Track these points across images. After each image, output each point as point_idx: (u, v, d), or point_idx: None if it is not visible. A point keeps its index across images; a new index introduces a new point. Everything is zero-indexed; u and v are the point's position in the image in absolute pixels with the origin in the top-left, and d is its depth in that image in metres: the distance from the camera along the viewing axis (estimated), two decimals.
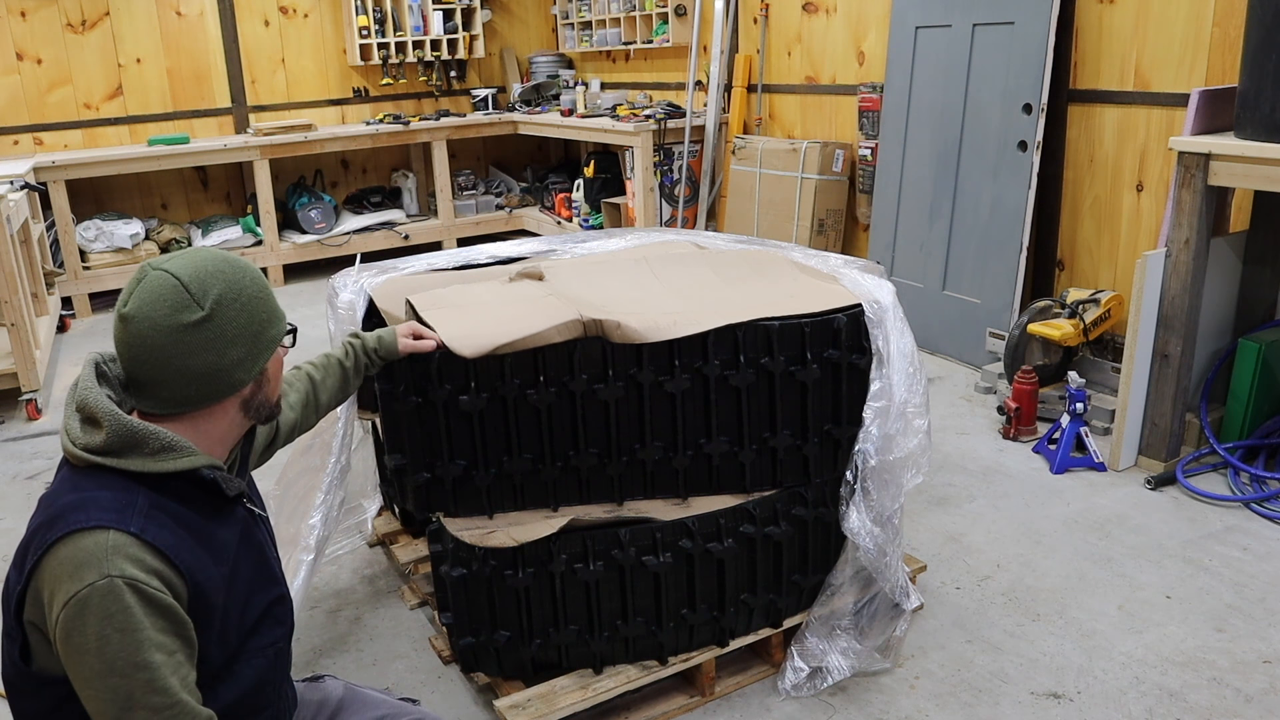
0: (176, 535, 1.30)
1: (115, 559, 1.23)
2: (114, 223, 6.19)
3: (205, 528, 1.36)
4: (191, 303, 1.33)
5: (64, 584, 1.23)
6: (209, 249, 1.43)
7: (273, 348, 1.43)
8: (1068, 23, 3.97)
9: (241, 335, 1.37)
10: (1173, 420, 3.23)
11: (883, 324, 2.18)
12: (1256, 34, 2.88)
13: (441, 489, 2.10)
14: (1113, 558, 2.79)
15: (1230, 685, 2.24)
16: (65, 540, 1.25)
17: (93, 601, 1.21)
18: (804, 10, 5.37)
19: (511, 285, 2.37)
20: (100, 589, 1.21)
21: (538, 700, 2.09)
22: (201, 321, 1.33)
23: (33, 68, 6.31)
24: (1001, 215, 4.18)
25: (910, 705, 2.23)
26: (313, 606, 2.73)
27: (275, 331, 1.44)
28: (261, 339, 1.41)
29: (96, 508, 1.26)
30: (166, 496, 1.32)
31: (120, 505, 1.28)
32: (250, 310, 1.39)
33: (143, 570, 1.24)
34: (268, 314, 1.42)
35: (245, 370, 1.39)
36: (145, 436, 1.31)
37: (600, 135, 6.31)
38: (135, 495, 1.29)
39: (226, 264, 1.39)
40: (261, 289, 1.43)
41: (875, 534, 2.20)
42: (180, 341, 1.33)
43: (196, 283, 1.34)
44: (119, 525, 1.25)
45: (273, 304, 1.45)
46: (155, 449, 1.31)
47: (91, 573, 1.22)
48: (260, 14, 6.90)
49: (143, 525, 1.27)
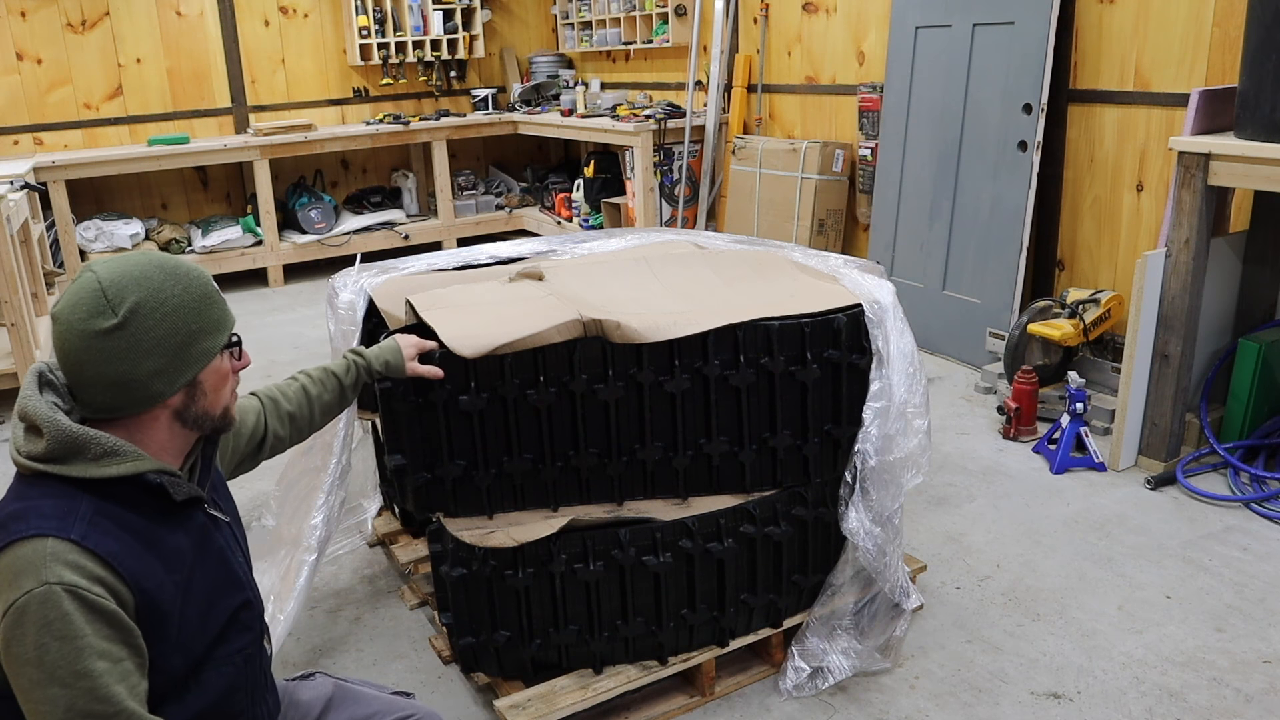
0: (121, 542, 1.27)
1: (53, 566, 1.20)
2: (114, 223, 6.20)
3: (154, 534, 1.33)
4: (106, 309, 1.29)
5: (3, 593, 1.21)
6: (155, 255, 1.38)
7: (203, 361, 1.37)
8: (1068, 23, 3.97)
9: (159, 346, 1.32)
10: (1173, 420, 3.23)
11: (883, 324, 2.18)
12: (1256, 34, 2.88)
13: (441, 489, 2.10)
14: (1113, 558, 2.79)
15: (1230, 685, 2.24)
16: (4, 550, 1.22)
17: (30, 609, 1.19)
18: (804, 10, 5.37)
19: (511, 285, 2.37)
20: (38, 596, 1.19)
21: (538, 700, 2.09)
22: (113, 329, 1.29)
23: (33, 68, 6.31)
24: (1001, 215, 4.18)
25: (910, 705, 2.23)
26: (313, 606, 2.73)
27: (208, 344, 1.38)
28: (187, 351, 1.35)
29: (37, 515, 1.24)
30: (112, 502, 1.29)
31: (62, 512, 1.25)
32: (173, 321, 1.33)
33: (83, 576, 1.22)
34: (199, 326, 1.36)
35: (165, 382, 1.34)
36: (86, 442, 1.28)
37: (600, 135, 6.31)
38: (78, 502, 1.27)
39: (159, 270, 1.34)
40: (195, 299, 1.36)
41: (875, 534, 2.20)
42: (92, 348, 1.29)
43: (115, 288, 1.30)
44: (58, 533, 1.23)
45: (210, 315, 1.38)
46: (97, 454, 1.29)
47: (29, 580, 1.20)
48: (260, 14, 6.90)
49: (84, 532, 1.24)
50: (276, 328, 5.53)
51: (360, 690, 1.72)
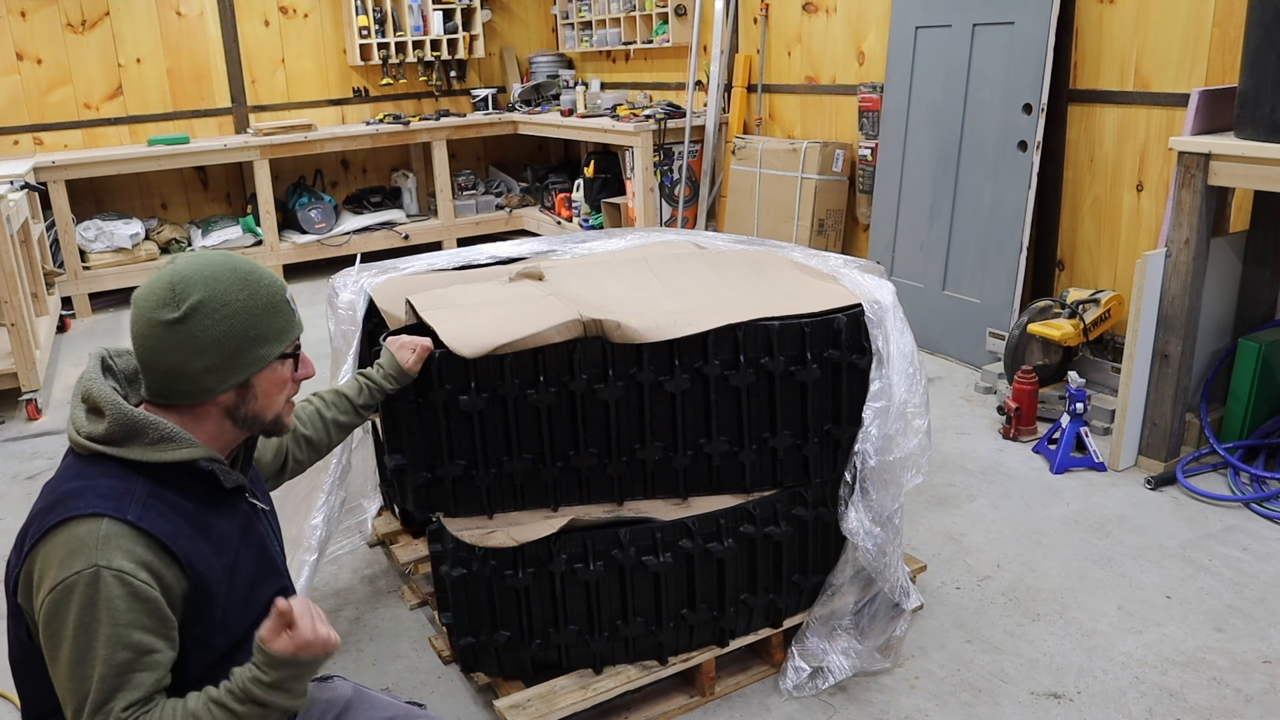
0: (174, 524, 1.32)
1: (106, 549, 1.24)
2: (114, 223, 6.20)
3: (204, 518, 1.38)
4: (171, 301, 1.35)
5: (53, 570, 1.24)
6: (237, 258, 1.44)
7: (256, 366, 1.41)
8: (1068, 23, 3.97)
9: (214, 346, 1.37)
10: (1173, 420, 3.23)
11: (883, 324, 2.18)
12: (1256, 34, 2.88)
13: (441, 489, 2.10)
14: (1113, 558, 2.79)
15: (1230, 685, 2.24)
16: (62, 526, 1.26)
17: (77, 590, 1.23)
18: (804, 10, 5.37)
19: (511, 285, 2.37)
20: (86, 578, 1.23)
21: (538, 700, 2.09)
22: (173, 322, 1.35)
23: (33, 68, 6.31)
24: (1001, 215, 4.18)
25: (910, 705, 2.23)
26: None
27: (264, 351, 1.42)
28: (241, 355, 1.39)
29: (95, 495, 1.28)
30: (166, 487, 1.34)
31: (119, 493, 1.29)
32: (231, 323, 1.38)
33: (132, 562, 1.25)
34: (258, 332, 1.41)
35: (215, 380, 1.38)
36: (145, 426, 1.33)
37: (600, 135, 6.31)
38: (134, 484, 1.31)
39: (232, 273, 1.39)
40: (260, 305, 1.41)
41: (875, 534, 2.20)
42: (154, 335, 1.36)
43: (184, 284, 1.36)
44: (115, 513, 1.27)
45: (273, 323, 1.42)
46: (155, 439, 1.34)
47: (80, 561, 1.23)
48: (260, 14, 6.90)
49: (140, 513, 1.29)
50: None
51: (377, 696, 1.74)
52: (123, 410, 1.33)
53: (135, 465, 1.33)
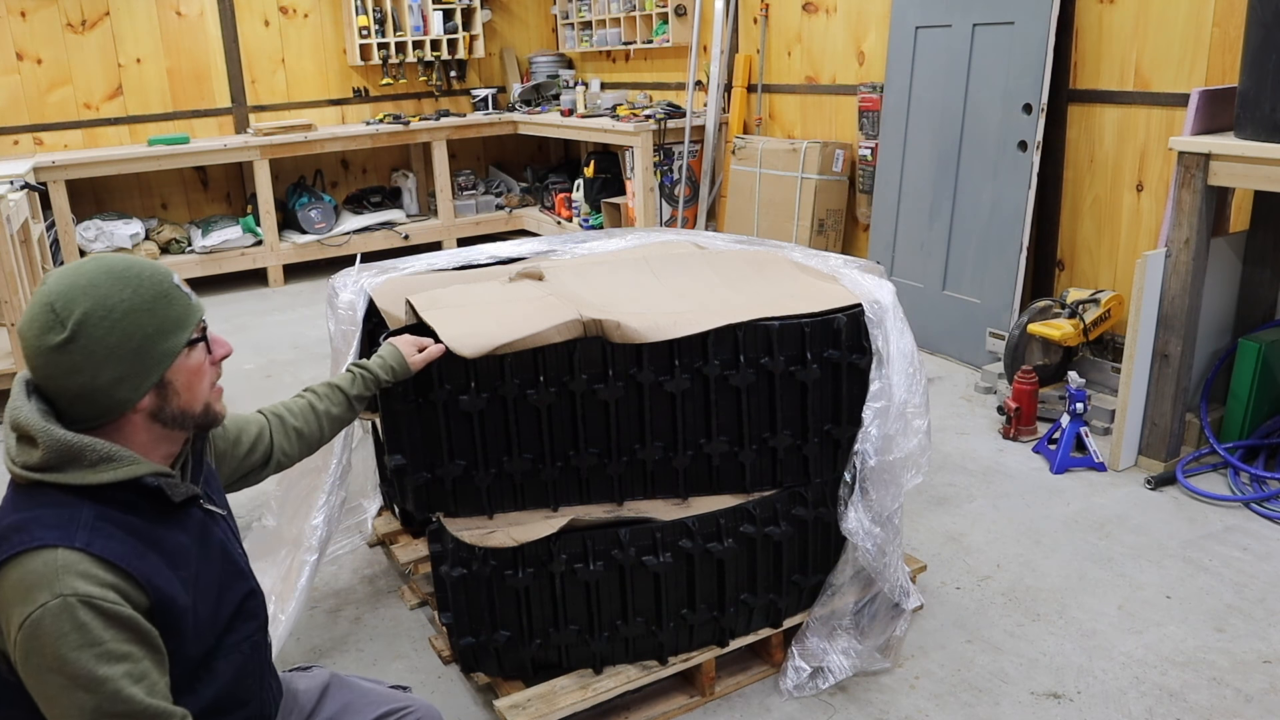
0: (125, 544, 1.28)
1: (65, 577, 1.21)
2: (114, 223, 6.20)
3: (155, 534, 1.33)
4: (55, 323, 1.28)
5: (17, 607, 1.21)
6: (108, 259, 1.36)
7: (165, 361, 1.35)
8: (1068, 23, 3.97)
9: (113, 355, 1.30)
10: (1173, 420, 3.23)
11: (883, 324, 2.18)
12: (1256, 34, 2.88)
13: (441, 489, 2.10)
14: (1113, 558, 2.79)
15: (1230, 685, 2.24)
16: (11, 563, 1.23)
17: (45, 622, 1.19)
18: (804, 10, 5.37)
19: (511, 285, 2.37)
20: (52, 609, 1.20)
21: (538, 700, 2.09)
22: (64, 343, 1.28)
23: (33, 68, 6.31)
24: (1001, 215, 4.18)
25: (910, 705, 2.23)
26: (313, 607, 2.73)
27: (168, 345, 1.35)
28: (145, 355, 1.32)
29: (39, 526, 1.24)
30: (112, 507, 1.30)
31: (63, 521, 1.25)
32: (124, 327, 1.30)
33: (95, 585, 1.22)
34: (155, 327, 1.33)
35: (129, 388, 1.32)
36: (82, 449, 1.28)
37: (600, 135, 6.31)
38: (79, 509, 1.27)
39: (107, 277, 1.32)
40: (148, 300, 1.33)
41: (875, 534, 2.20)
42: (50, 363, 1.29)
43: (63, 301, 1.29)
44: (64, 542, 1.23)
45: (168, 313, 1.35)
46: (93, 460, 1.29)
47: (43, 593, 1.20)
48: (260, 14, 6.90)
49: (88, 539, 1.25)
50: (276, 328, 5.53)
51: (355, 681, 1.73)
52: (55, 435, 1.27)
53: (77, 489, 1.28)
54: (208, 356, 1.42)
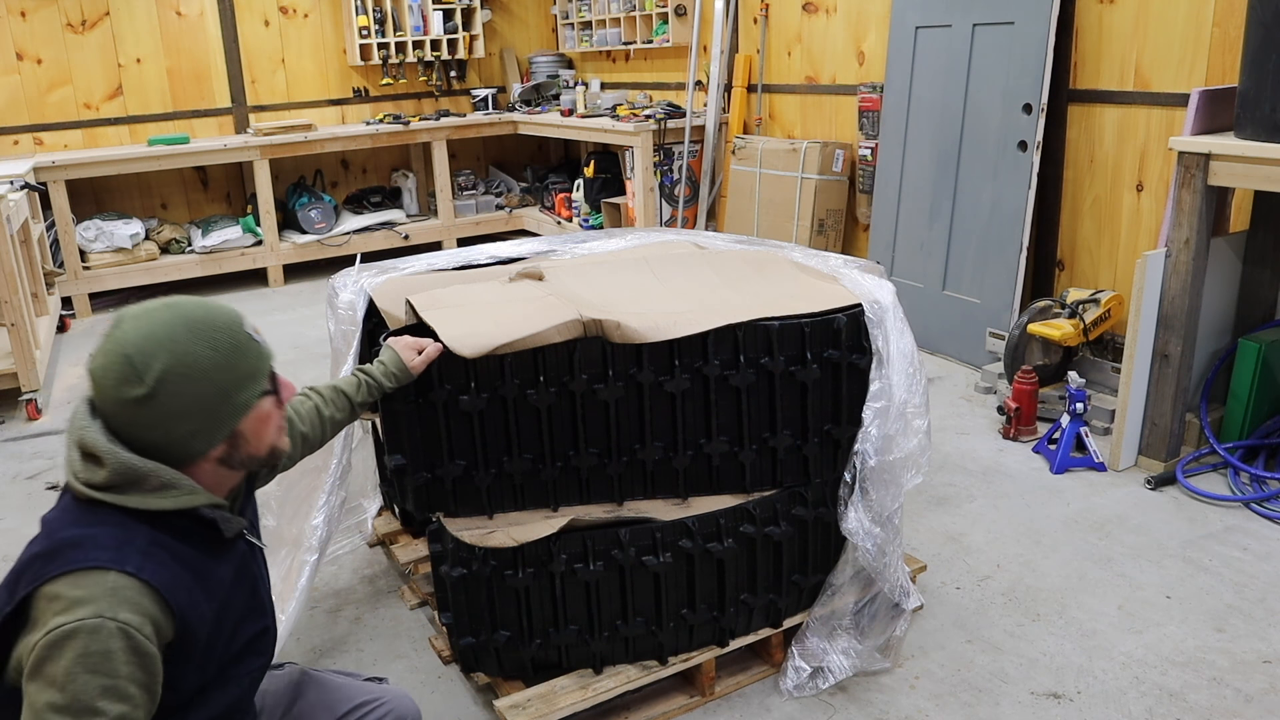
0: (173, 573, 1.29)
1: (113, 601, 1.22)
2: (114, 223, 6.19)
3: (202, 564, 1.34)
4: (134, 377, 1.28)
5: (55, 616, 1.21)
6: (183, 308, 1.35)
7: (240, 414, 1.36)
8: (1068, 23, 3.97)
9: (191, 411, 1.31)
10: (1173, 420, 3.23)
11: (883, 324, 2.18)
12: (1256, 34, 2.88)
13: (441, 489, 2.10)
14: (1113, 558, 2.79)
15: (1230, 685, 2.24)
16: (63, 577, 1.23)
17: (78, 637, 1.19)
18: (804, 10, 5.37)
19: (511, 285, 2.37)
20: (89, 626, 1.20)
21: (538, 700, 2.09)
22: (144, 399, 1.29)
23: (33, 68, 6.31)
24: (1001, 215, 4.18)
25: (910, 705, 2.23)
26: (313, 607, 2.73)
27: (244, 398, 1.37)
28: (222, 410, 1.34)
29: (95, 546, 1.25)
30: (166, 533, 1.31)
31: (119, 543, 1.26)
32: (203, 384, 1.31)
33: (137, 614, 1.23)
34: (232, 382, 1.35)
35: (202, 441, 1.34)
36: (145, 474, 1.29)
37: (600, 135, 6.31)
38: (134, 532, 1.28)
39: (185, 330, 1.32)
40: (225, 354, 1.34)
41: (875, 534, 2.20)
42: (125, 413, 1.30)
43: (141, 355, 1.29)
44: (117, 565, 1.24)
45: (243, 367, 1.37)
46: (155, 486, 1.30)
47: (86, 609, 1.21)
48: (260, 14, 6.90)
49: (140, 564, 1.26)
50: (277, 328, 5.53)
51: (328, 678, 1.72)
52: (121, 459, 1.28)
53: (135, 513, 1.29)
54: (276, 401, 1.44)
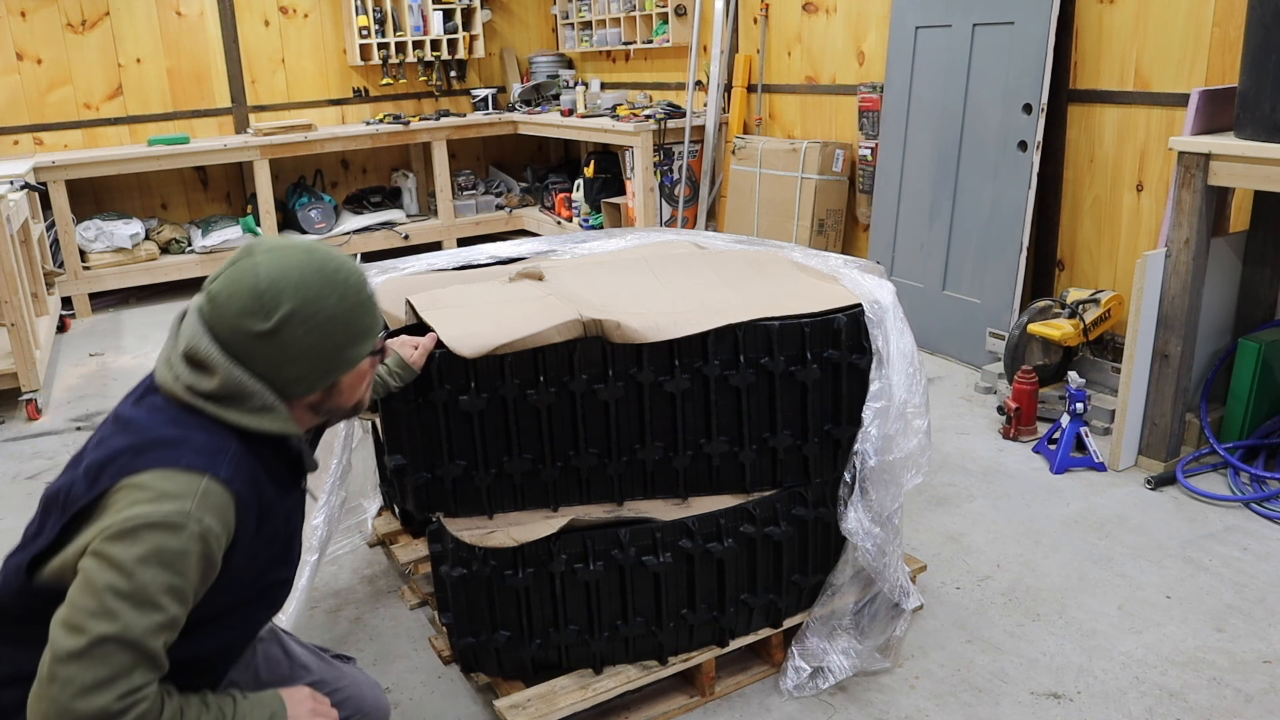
0: (249, 492, 1.31)
1: (202, 505, 1.23)
2: (114, 223, 6.19)
3: (271, 494, 1.36)
4: (260, 311, 1.30)
5: (138, 505, 1.21)
6: (318, 253, 1.36)
7: (347, 367, 1.38)
8: (1068, 23, 3.97)
9: (304, 356, 1.33)
10: (1173, 420, 3.23)
11: (883, 324, 2.18)
12: (1256, 34, 2.88)
13: (441, 489, 2.10)
14: (1113, 558, 2.79)
15: (1230, 685, 2.24)
16: (153, 471, 1.24)
17: (159, 530, 1.20)
18: (804, 10, 5.37)
19: (511, 285, 2.37)
20: (173, 523, 1.21)
21: (538, 700, 2.09)
22: (264, 334, 1.30)
23: (33, 68, 6.31)
24: (1001, 215, 4.18)
25: (910, 705, 2.23)
26: (313, 607, 2.72)
27: (355, 352, 1.39)
28: (332, 360, 1.36)
29: (191, 449, 1.27)
30: (251, 455, 1.33)
31: (213, 450, 1.28)
32: (323, 333, 1.33)
33: (219, 524, 1.25)
34: (348, 336, 1.36)
35: (304, 386, 1.36)
36: (252, 393, 1.32)
37: (600, 135, 6.31)
38: (228, 444, 1.30)
39: (319, 276, 1.34)
40: (350, 308, 1.36)
41: (875, 534, 2.20)
42: (240, 342, 1.31)
43: (272, 290, 1.30)
44: (211, 470, 1.26)
45: (361, 323, 1.38)
46: (256, 406, 1.32)
47: (171, 504, 1.21)
48: (260, 14, 6.90)
49: (231, 474, 1.28)
50: None
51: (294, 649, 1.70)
52: (234, 374, 1.30)
53: (228, 428, 1.31)
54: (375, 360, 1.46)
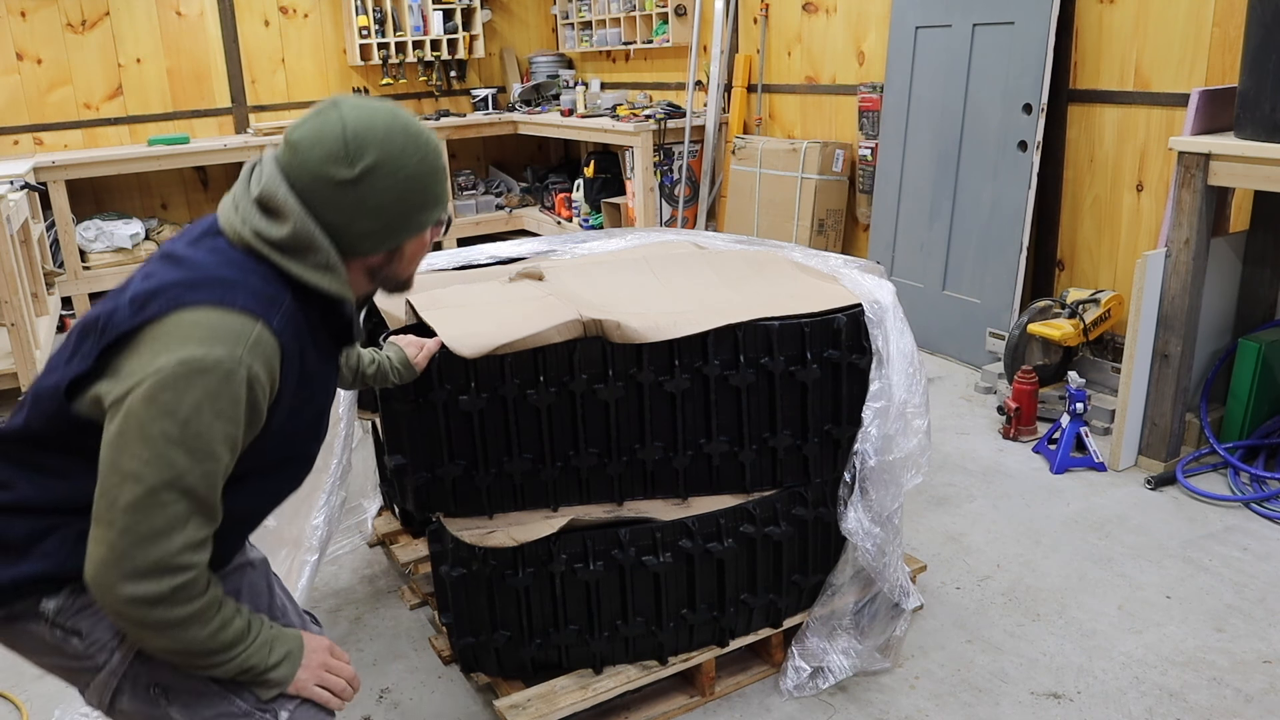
0: (294, 349, 1.29)
1: (254, 351, 1.22)
2: (114, 223, 6.20)
3: (313, 358, 1.35)
4: (344, 159, 1.28)
5: (187, 345, 1.19)
6: (402, 113, 1.36)
7: (415, 231, 1.38)
8: (1068, 23, 3.97)
9: (380, 211, 1.32)
10: (1173, 420, 3.23)
11: (883, 324, 2.18)
12: (1256, 34, 2.88)
13: (441, 489, 2.10)
14: (1113, 558, 2.79)
15: (1230, 685, 2.24)
16: (207, 308, 1.22)
17: (211, 373, 1.18)
18: (804, 10, 5.37)
19: (511, 285, 2.37)
20: (226, 369, 1.19)
21: (538, 700, 2.09)
22: (344, 183, 1.29)
23: (33, 68, 6.31)
24: (1001, 215, 4.18)
25: (910, 705, 2.23)
26: (313, 607, 2.72)
27: (425, 217, 1.38)
28: (403, 221, 1.35)
29: (247, 292, 1.24)
30: (303, 313, 1.31)
31: (268, 299, 1.26)
32: (402, 189, 1.32)
33: (267, 373, 1.24)
34: (422, 199, 1.35)
35: (372, 243, 1.35)
36: (319, 247, 1.30)
37: (600, 135, 6.31)
38: (283, 295, 1.28)
39: (403, 134, 1.32)
40: (428, 171, 1.35)
41: (874, 534, 2.20)
42: (317, 188, 1.30)
43: (357, 141, 1.29)
44: (265, 317, 1.24)
45: (434, 190, 1.37)
46: (320, 263, 1.30)
47: (223, 348, 1.19)
48: (260, 14, 6.90)
49: (282, 325, 1.26)
50: None
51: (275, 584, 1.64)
52: (307, 225, 1.28)
53: (288, 280, 1.29)
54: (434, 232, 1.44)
